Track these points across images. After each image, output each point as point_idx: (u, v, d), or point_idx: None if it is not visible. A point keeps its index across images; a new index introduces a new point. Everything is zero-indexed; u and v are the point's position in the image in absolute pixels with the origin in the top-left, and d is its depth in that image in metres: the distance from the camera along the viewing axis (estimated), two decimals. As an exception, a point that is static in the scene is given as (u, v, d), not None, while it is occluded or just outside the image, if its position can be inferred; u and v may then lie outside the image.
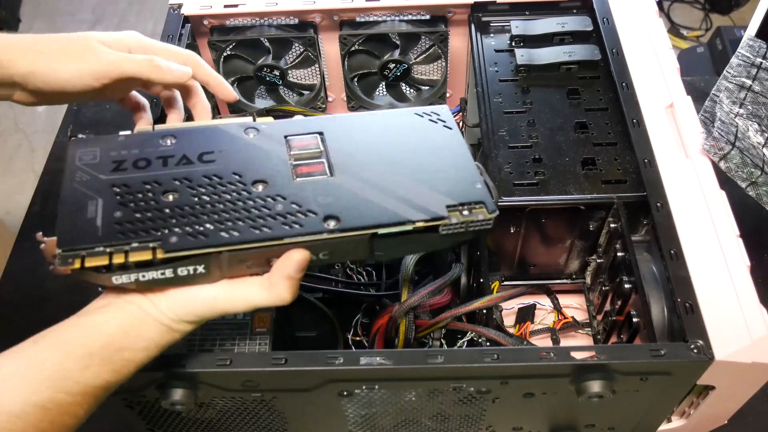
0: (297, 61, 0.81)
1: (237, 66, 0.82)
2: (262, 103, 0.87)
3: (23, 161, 1.87)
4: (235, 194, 0.46)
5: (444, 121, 0.54)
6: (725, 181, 0.62)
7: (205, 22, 0.78)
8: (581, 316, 0.73)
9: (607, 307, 0.66)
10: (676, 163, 0.61)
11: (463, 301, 0.65)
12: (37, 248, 0.42)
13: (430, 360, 0.50)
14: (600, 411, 0.58)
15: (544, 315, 0.73)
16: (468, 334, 0.64)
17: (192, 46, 0.78)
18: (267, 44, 0.80)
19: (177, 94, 0.59)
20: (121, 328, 0.44)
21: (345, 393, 0.53)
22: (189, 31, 0.77)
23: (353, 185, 0.48)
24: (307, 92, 0.86)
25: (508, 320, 0.72)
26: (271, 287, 0.45)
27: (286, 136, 0.51)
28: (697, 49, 1.87)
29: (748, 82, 0.58)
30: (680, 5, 2.17)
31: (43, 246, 0.42)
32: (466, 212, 0.46)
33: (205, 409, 0.57)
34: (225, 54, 0.80)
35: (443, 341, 0.66)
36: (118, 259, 0.41)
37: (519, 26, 0.73)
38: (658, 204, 0.58)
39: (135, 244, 0.42)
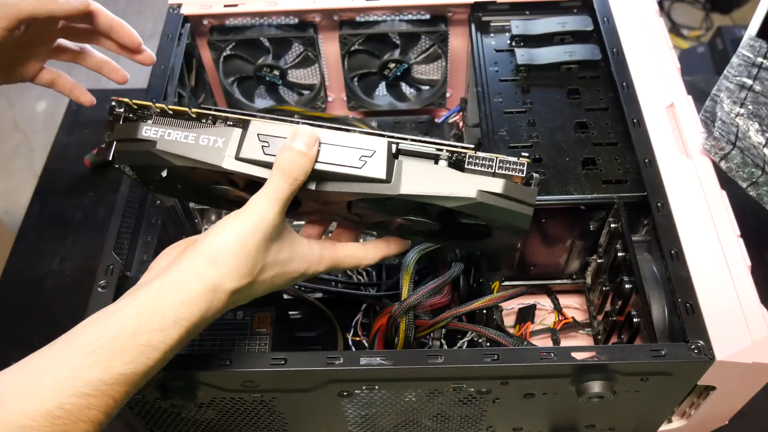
0: (297, 60, 0.81)
1: (237, 66, 0.82)
2: (262, 102, 0.87)
3: (22, 161, 1.87)
4: None
5: None
6: (726, 181, 0.62)
7: (205, 22, 0.78)
8: (581, 316, 0.73)
9: (608, 307, 0.65)
10: (677, 163, 0.61)
11: (463, 301, 0.65)
12: (37, 248, 0.42)
13: (430, 360, 0.50)
14: (600, 411, 0.58)
15: (545, 315, 0.73)
16: (468, 334, 0.64)
17: (192, 46, 0.78)
18: (267, 44, 0.80)
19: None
20: (135, 308, 0.42)
21: (345, 393, 0.53)
22: (189, 30, 0.76)
23: None
24: (307, 92, 0.86)
25: (509, 320, 0.71)
26: (273, 167, 0.45)
27: None
28: (697, 48, 1.87)
29: (749, 81, 0.58)
30: (681, 5, 2.17)
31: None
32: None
33: (205, 410, 0.57)
34: (225, 54, 0.80)
35: (443, 341, 0.65)
36: (160, 106, 0.48)
37: (519, 26, 0.73)
38: (659, 204, 0.58)
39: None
